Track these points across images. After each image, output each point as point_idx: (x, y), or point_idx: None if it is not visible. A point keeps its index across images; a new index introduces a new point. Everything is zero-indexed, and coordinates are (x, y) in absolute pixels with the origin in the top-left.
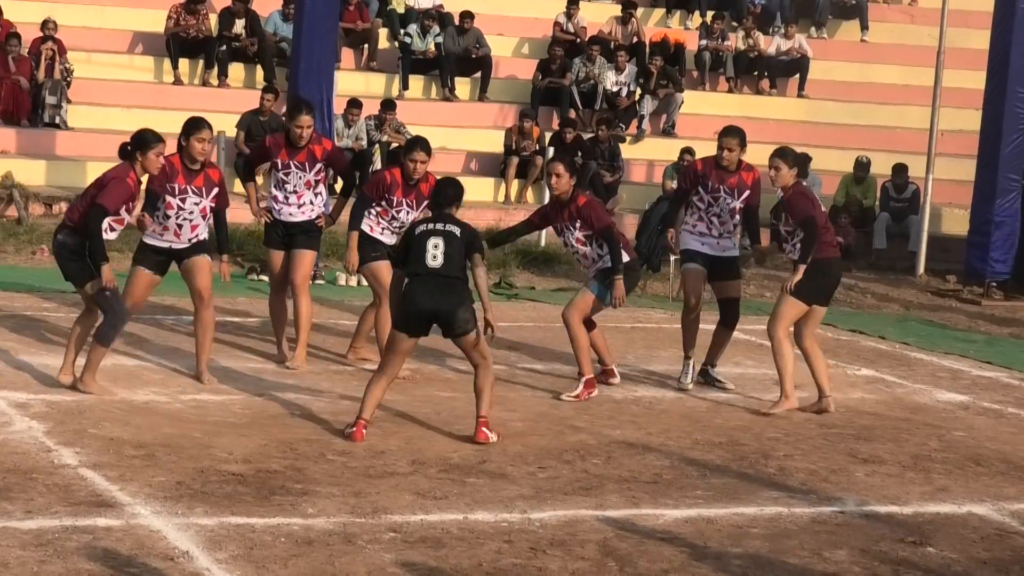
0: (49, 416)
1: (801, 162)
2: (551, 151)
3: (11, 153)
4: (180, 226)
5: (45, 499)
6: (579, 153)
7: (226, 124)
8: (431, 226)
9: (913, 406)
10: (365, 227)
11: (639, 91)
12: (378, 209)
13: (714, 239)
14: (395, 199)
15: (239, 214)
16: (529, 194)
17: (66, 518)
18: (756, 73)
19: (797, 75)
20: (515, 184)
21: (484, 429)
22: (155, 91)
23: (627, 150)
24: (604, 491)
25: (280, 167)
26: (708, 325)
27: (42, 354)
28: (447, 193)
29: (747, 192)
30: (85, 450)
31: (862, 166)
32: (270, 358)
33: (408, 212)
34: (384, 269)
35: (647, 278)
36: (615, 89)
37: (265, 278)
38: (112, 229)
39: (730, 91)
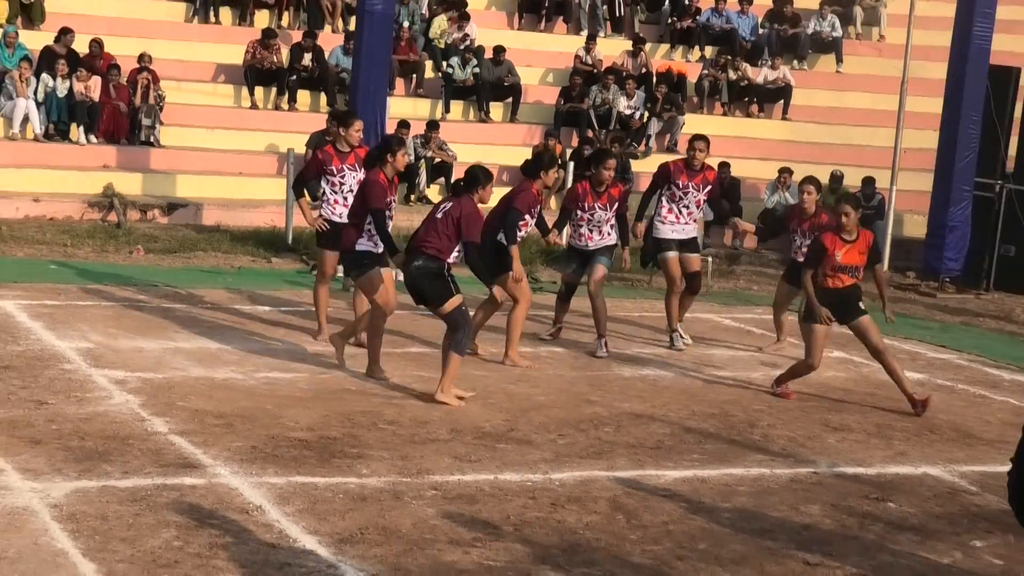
0: (143, 391)
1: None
2: (572, 165)
3: (112, 167)
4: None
5: (139, 461)
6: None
7: (296, 143)
8: None
9: (877, 383)
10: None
11: (647, 114)
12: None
13: (681, 225)
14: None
15: (303, 219)
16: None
17: (157, 477)
18: (746, 99)
19: (781, 101)
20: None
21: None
22: (234, 115)
23: (636, 165)
24: (614, 455)
25: (336, 172)
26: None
27: (137, 338)
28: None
29: (709, 186)
30: (173, 420)
31: (836, 179)
32: (329, 343)
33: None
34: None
35: (653, 273)
36: (627, 112)
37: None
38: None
39: (724, 114)
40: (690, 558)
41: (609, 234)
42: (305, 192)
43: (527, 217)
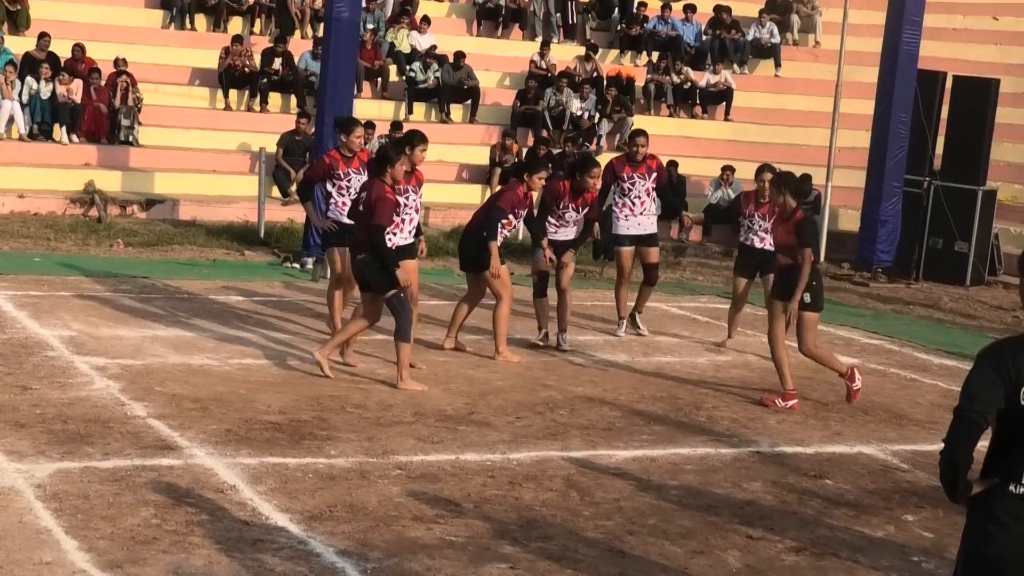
0: (123, 377)
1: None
2: None
3: (93, 165)
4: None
5: (119, 444)
6: (550, 165)
7: (267, 142)
8: None
9: (815, 367)
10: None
11: (598, 115)
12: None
13: (636, 219)
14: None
15: (275, 213)
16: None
17: (136, 459)
18: (691, 101)
19: (724, 103)
20: (498, 189)
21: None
22: (209, 115)
23: None
24: (568, 436)
25: (343, 176)
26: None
27: (117, 327)
28: None
29: (655, 173)
30: (152, 404)
31: None
32: (299, 331)
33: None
34: (505, 271)
35: (604, 265)
36: (579, 114)
37: (298, 266)
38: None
39: (670, 115)
40: (640, 532)
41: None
42: (305, 194)
43: (510, 216)
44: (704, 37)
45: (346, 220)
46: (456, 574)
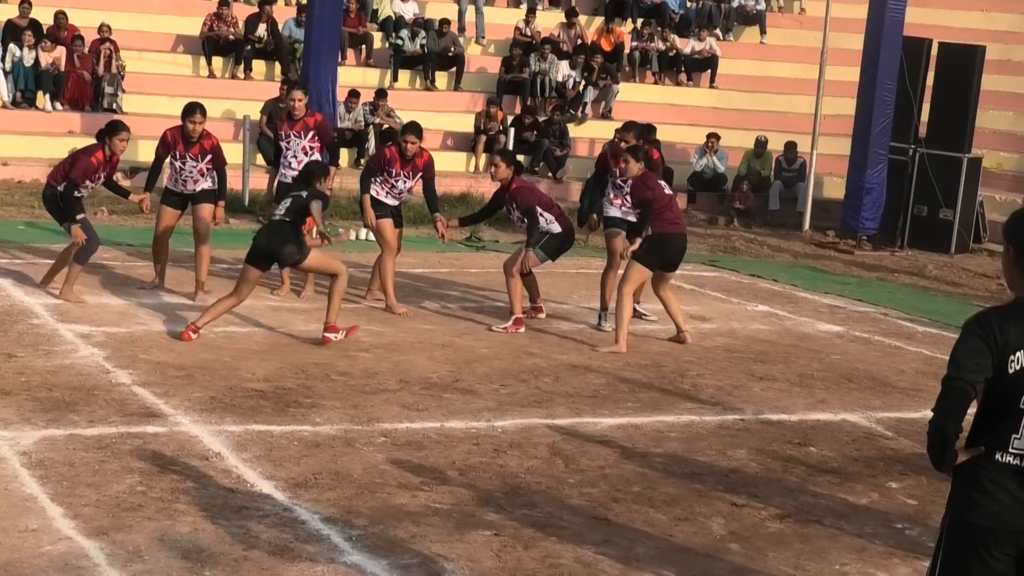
0: (107, 344)
1: (644, 155)
2: (512, 131)
3: (76, 133)
4: (185, 181)
5: (104, 411)
6: (535, 132)
7: (251, 109)
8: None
9: (799, 335)
10: (372, 192)
11: (583, 83)
12: (380, 178)
13: (628, 209)
14: (394, 171)
15: (259, 181)
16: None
17: (121, 426)
18: (676, 69)
19: (709, 70)
20: (483, 157)
21: (328, 334)
22: (193, 83)
23: (573, 130)
24: (553, 404)
25: (283, 136)
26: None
27: (102, 295)
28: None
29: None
30: (137, 372)
31: (760, 144)
32: (283, 299)
33: (405, 181)
34: (388, 226)
35: (588, 234)
36: (564, 81)
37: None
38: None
39: (655, 83)
40: (625, 500)
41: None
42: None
43: (386, 175)
44: (689, 4)
45: (288, 180)
46: (441, 541)
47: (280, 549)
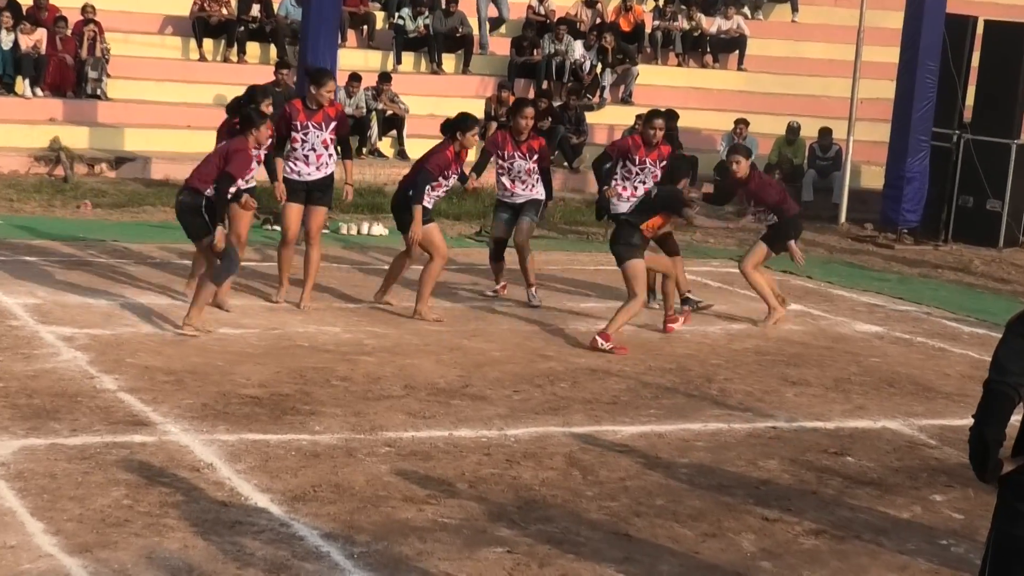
0: (91, 347)
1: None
2: None
3: (58, 120)
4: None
5: (88, 419)
6: (550, 119)
7: None
8: None
9: (835, 336)
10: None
11: (600, 65)
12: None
13: (633, 200)
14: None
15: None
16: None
17: (106, 435)
18: (701, 50)
19: (736, 51)
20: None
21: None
22: (182, 67)
23: (590, 116)
24: (570, 411)
25: (299, 128)
26: None
27: (86, 294)
28: None
29: (664, 161)
30: (123, 377)
31: (793, 130)
32: (281, 300)
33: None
34: (436, 230)
35: (608, 227)
36: (581, 63)
37: (278, 228)
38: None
39: (679, 65)
40: (647, 514)
41: (534, 187)
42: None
43: (440, 179)
44: None
45: (304, 177)
46: (449, 559)
47: (277, 567)
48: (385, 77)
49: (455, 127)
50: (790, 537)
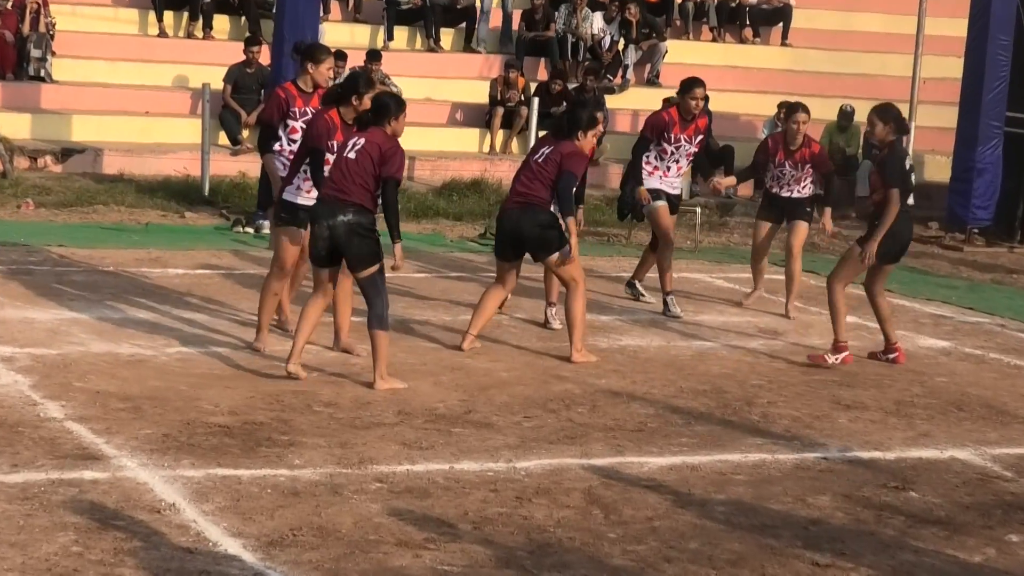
0: (35, 370)
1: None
2: (536, 101)
3: None
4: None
5: (31, 452)
6: (564, 103)
7: (212, 77)
8: None
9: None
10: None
11: (623, 41)
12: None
13: (668, 180)
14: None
15: (223, 165)
16: (514, 144)
17: (52, 471)
18: (739, 23)
19: (780, 24)
20: (500, 134)
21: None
22: (139, 44)
23: (611, 100)
24: (589, 440)
25: (298, 116)
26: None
27: (28, 308)
28: None
29: (701, 136)
30: (71, 403)
31: (846, 115)
32: (253, 312)
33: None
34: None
35: (631, 228)
36: (600, 38)
37: (251, 231)
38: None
39: (713, 40)
40: (679, 559)
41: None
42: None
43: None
44: None
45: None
46: None
47: None
48: (374, 55)
49: (574, 126)
50: None
